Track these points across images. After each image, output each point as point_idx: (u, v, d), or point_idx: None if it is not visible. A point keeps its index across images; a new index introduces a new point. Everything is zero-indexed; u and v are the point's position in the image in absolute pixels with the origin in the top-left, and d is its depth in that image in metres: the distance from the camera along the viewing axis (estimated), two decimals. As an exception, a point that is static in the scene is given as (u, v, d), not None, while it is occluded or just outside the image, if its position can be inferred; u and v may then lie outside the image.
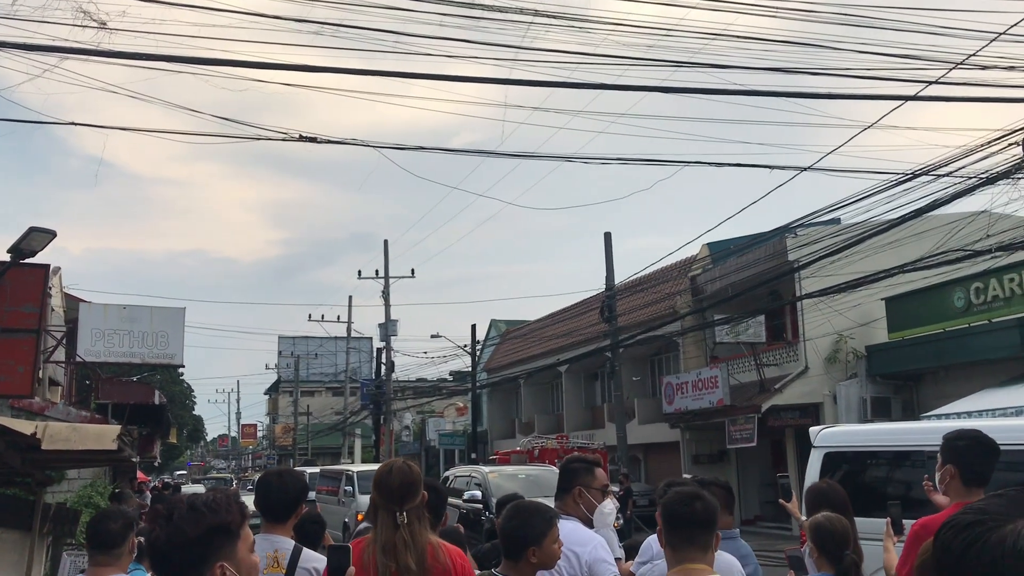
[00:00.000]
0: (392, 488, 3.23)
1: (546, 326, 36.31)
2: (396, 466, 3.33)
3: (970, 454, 3.78)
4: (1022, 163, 12.74)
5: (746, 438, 22.94)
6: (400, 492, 3.21)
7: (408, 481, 3.24)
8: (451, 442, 42.53)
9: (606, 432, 29.95)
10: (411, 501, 3.21)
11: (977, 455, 3.78)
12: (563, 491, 4.18)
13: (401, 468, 3.31)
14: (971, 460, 3.76)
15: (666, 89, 11.13)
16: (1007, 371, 17.41)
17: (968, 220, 16.63)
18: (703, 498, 3.08)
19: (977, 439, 3.81)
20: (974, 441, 3.81)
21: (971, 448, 3.80)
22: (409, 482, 3.24)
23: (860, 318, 21.06)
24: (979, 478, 3.76)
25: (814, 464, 8.83)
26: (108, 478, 17.81)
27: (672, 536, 3.07)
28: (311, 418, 57.27)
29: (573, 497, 4.11)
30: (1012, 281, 17.47)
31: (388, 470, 3.31)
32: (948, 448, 3.86)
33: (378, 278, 37.36)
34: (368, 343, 58.80)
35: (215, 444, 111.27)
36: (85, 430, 7.07)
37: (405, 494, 3.21)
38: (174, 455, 69.97)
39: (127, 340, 18.28)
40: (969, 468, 3.76)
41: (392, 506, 3.20)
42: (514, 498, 5.45)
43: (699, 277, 26.96)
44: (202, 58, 9.30)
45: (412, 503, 3.21)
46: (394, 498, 3.21)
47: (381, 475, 3.31)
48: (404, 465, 3.34)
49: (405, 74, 9.88)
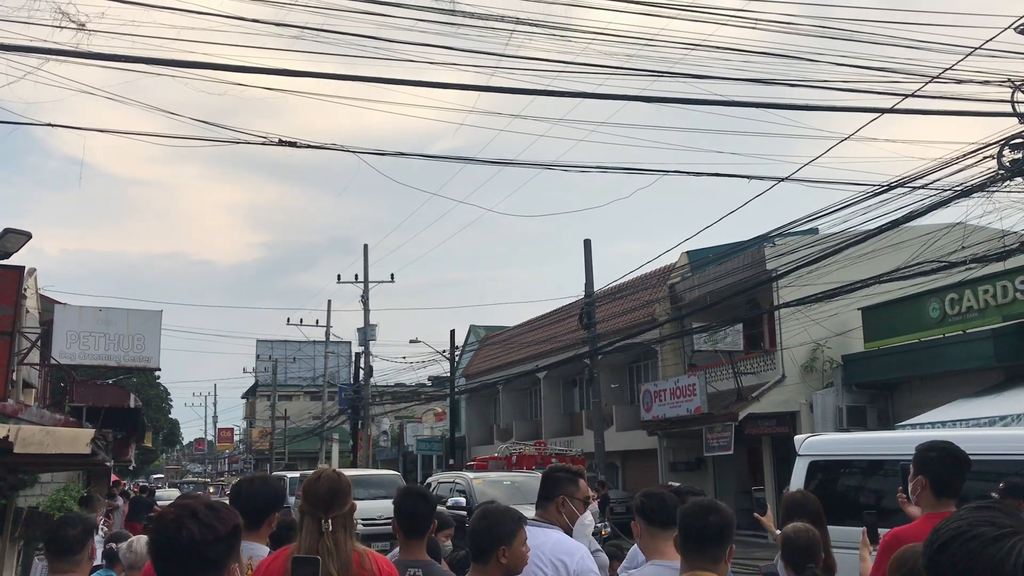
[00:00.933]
0: (319, 496, 3.23)
1: (525, 332, 36.34)
2: (325, 474, 3.34)
3: (942, 466, 3.81)
4: (997, 176, 12.90)
5: (723, 446, 23.03)
6: (327, 500, 3.21)
7: (335, 489, 3.24)
8: (429, 448, 42.45)
9: (584, 439, 29.97)
10: (338, 509, 3.21)
11: (949, 467, 3.81)
12: (545, 499, 4.14)
13: (330, 476, 3.31)
14: (942, 472, 3.79)
15: (646, 99, 11.19)
16: (981, 381, 17.58)
17: (944, 232, 16.79)
18: (719, 511, 3.14)
19: (948, 451, 3.84)
20: (945, 453, 3.84)
21: (942, 460, 3.83)
22: (336, 490, 3.24)
23: (837, 328, 21.21)
24: (950, 489, 3.79)
25: (799, 473, 8.83)
26: (82, 482, 17.64)
27: (685, 545, 3.16)
28: (289, 422, 56.99)
29: (556, 506, 4.08)
30: (986, 292, 17.66)
31: (317, 478, 3.32)
32: (920, 460, 3.89)
33: (357, 282, 37.29)
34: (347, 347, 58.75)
35: (191, 448, 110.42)
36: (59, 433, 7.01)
37: (332, 502, 3.21)
38: (149, 459, 69.38)
39: (103, 342, 18.11)
40: (940, 480, 3.79)
41: (318, 513, 3.20)
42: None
43: (678, 285, 27.07)
44: (182, 61, 9.27)
45: (339, 511, 3.21)
46: (320, 506, 3.21)
47: (310, 482, 3.32)
48: (333, 473, 3.35)
49: (386, 80, 9.88)
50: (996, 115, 12.92)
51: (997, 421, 14.47)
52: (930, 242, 16.45)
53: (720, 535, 3.10)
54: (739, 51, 11.74)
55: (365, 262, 37.47)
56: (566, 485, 4.15)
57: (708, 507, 3.16)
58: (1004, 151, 12.88)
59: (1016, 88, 12.84)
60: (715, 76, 11.23)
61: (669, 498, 3.85)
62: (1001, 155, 12.86)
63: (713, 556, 3.09)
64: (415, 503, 3.92)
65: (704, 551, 3.09)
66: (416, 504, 3.93)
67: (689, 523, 3.13)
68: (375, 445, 43.28)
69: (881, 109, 11.73)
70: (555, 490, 4.12)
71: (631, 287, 27.43)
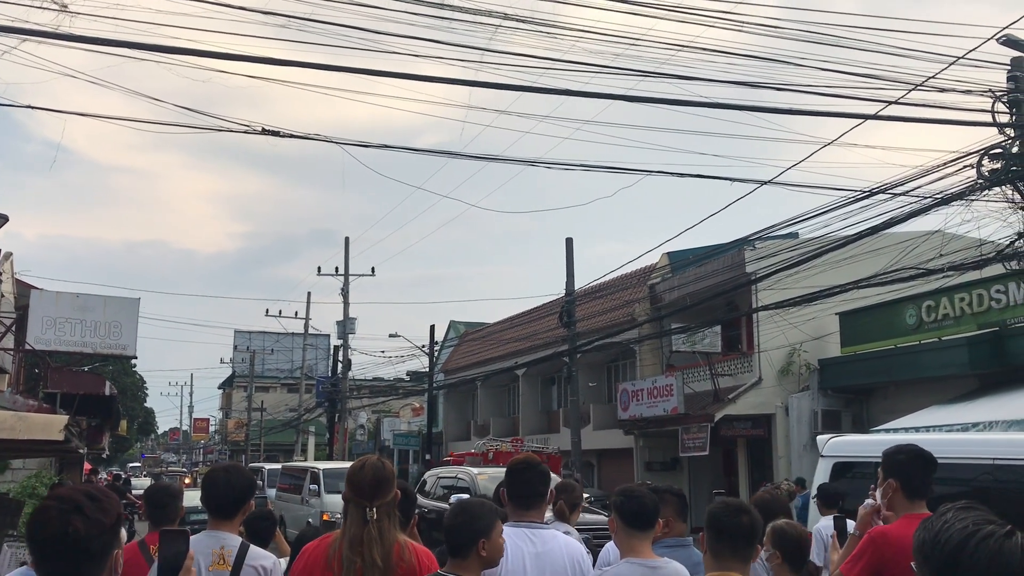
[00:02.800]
0: (364, 484, 3.24)
1: (505, 329, 36.33)
2: (369, 462, 3.33)
3: (911, 468, 3.88)
4: (976, 185, 13.01)
5: (699, 447, 23.13)
6: (372, 488, 3.22)
7: (380, 477, 3.24)
8: (406, 442, 42.37)
9: (561, 436, 30.01)
10: (382, 498, 3.21)
11: (917, 468, 3.89)
12: (540, 497, 4.07)
13: (374, 464, 3.31)
14: (912, 474, 3.87)
15: (631, 98, 11.21)
16: (955, 388, 17.73)
17: (922, 239, 16.91)
18: (750, 513, 3.22)
19: (916, 453, 3.92)
20: (914, 456, 3.92)
21: (911, 462, 3.90)
22: (381, 478, 3.24)
23: (814, 332, 21.33)
24: (920, 491, 3.87)
25: (823, 474, 8.67)
26: (54, 469, 17.50)
27: (716, 544, 3.22)
28: (265, 414, 56.73)
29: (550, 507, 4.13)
30: (963, 300, 17.81)
31: (361, 466, 3.32)
32: (889, 463, 3.96)
33: (338, 275, 37.15)
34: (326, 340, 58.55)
35: (166, 438, 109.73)
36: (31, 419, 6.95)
37: (376, 490, 3.22)
38: (124, 447, 68.92)
39: (79, 329, 17.96)
40: (910, 482, 3.86)
41: (363, 502, 3.20)
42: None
43: (658, 286, 27.15)
44: (165, 46, 9.19)
45: (383, 500, 3.21)
46: (365, 494, 3.21)
47: (354, 471, 3.32)
48: (378, 462, 3.35)
49: (371, 71, 9.84)
50: (977, 124, 13.05)
51: (970, 427, 14.60)
52: (908, 249, 16.57)
53: (751, 535, 3.21)
54: (725, 53, 11.79)
55: (346, 255, 37.38)
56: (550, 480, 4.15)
57: (740, 508, 3.27)
58: (983, 161, 13.01)
59: (996, 99, 12.98)
60: (700, 78, 11.27)
61: (649, 499, 3.86)
62: (980, 164, 12.98)
63: (744, 556, 3.20)
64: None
65: (736, 551, 3.18)
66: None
67: (722, 523, 3.21)
68: (351, 439, 43.15)
69: (864, 115, 11.80)
70: (549, 486, 4.13)
71: (611, 287, 27.49)
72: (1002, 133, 13.11)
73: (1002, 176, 13.09)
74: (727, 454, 24.97)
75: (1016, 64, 13.57)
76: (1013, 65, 13.56)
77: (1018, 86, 13.39)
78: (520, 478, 4.03)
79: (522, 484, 4.02)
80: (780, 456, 21.78)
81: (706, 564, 3.28)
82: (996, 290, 17.15)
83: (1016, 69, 13.53)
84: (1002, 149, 13.08)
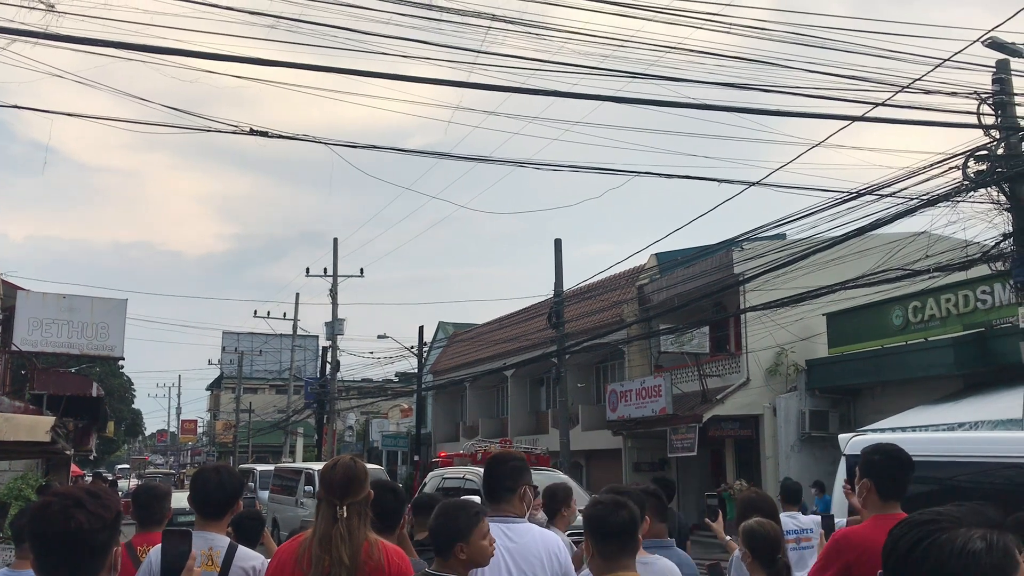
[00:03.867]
0: (335, 483, 3.25)
1: (494, 330, 36.32)
2: (341, 462, 3.34)
3: (886, 469, 3.85)
4: (961, 187, 13.09)
5: (687, 447, 23.18)
6: (342, 487, 3.23)
7: (351, 476, 3.25)
8: (394, 443, 42.31)
9: (550, 437, 30.03)
10: (352, 496, 3.22)
11: (893, 469, 3.85)
12: (509, 491, 4.00)
13: (346, 464, 3.32)
14: (887, 475, 3.84)
15: (620, 99, 11.24)
16: (941, 388, 17.84)
17: (909, 240, 17.01)
18: (628, 506, 3.17)
19: (893, 454, 3.88)
20: (890, 456, 3.88)
21: (886, 463, 3.87)
22: (352, 477, 3.25)
23: (801, 332, 21.42)
24: (894, 492, 3.84)
25: (844, 474, 8.38)
26: (41, 471, 17.40)
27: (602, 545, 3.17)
28: (253, 415, 56.56)
29: (519, 497, 4.00)
30: (949, 301, 17.91)
31: (333, 465, 3.33)
32: (865, 462, 3.93)
33: (326, 276, 37.06)
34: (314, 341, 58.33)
35: (153, 439, 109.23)
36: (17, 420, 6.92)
37: (347, 489, 3.22)
38: (111, 449, 68.57)
39: (66, 330, 17.89)
40: (884, 483, 3.83)
41: (334, 500, 3.21)
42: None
43: (646, 287, 27.20)
44: (153, 46, 9.17)
45: (354, 498, 3.22)
46: (336, 492, 3.23)
47: (327, 469, 3.34)
48: (350, 461, 3.36)
49: (360, 72, 9.84)
50: (962, 126, 13.12)
51: (956, 427, 14.69)
52: (895, 250, 16.66)
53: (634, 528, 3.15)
54: (713, 55, 11.82)
55: (335, 256, 37.29)
56: (526, 474, 4.08)
57: (617, 503, 3.20)
58: (969, 162, 13.09)
59: (982, 101, 13.06)
60: (689, 79, 11.30)
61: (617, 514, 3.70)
62: (966, 166, 13.06)
63: (632, 550, 3.15)
64: (384, 497, 3.91)
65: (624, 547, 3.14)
66: (385, 498, 3.92)
67: (606, 523, 3.16)
68: (340, 440, 43.06)
69: (851, 117, 11.86)
70: (518, 480, 4.04)
71: (600, 287, 27.52)
72: (987, 135, 13.19)
73: (988, 178, 13.18)
74: (715, 454, 25.04)
75: (1001, 66, 13.66)
76: (998, 67, 13.65)
77: (1003, 88, 13.48)
78: (490, 473, 4.05)
79: (491, 479, 4.03)
80: (768, 456, 21.86)
81: (595, 568, 3.19)
82: (982, 291, 17.26)
83: (1001, 71, 13.62)
84: (987, 151, 13.17)
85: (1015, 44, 13.53)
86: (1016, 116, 13.61)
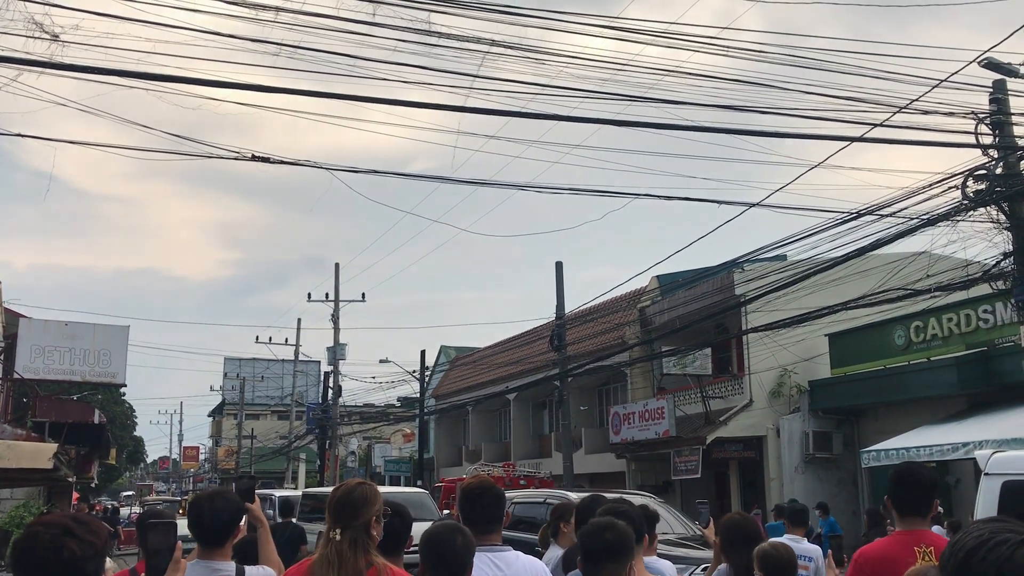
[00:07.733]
0: (330, 507, 3.24)
1: (495, 354, 36.30)
2: (344, 486, 3.34)
3: (902, 489, 3.96)
4: (961, 206, 13.13)
5: (691, 469, 23.09)
6: (335, 511, 3.21)
7: (346, 501, 3.24)
8: (397, 468, 42.20)
9: (553, 461, 29.93)
10: (346, 521, 3.20)
11: (908, 489, 3.95)
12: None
13: (346, 488, 3.32)
14: (902, 494, 3.93)
15: (619, 123, 11.29)
16: (945, 408, 17.79)
17: (909, 260, 17.03)
18: (615, 527, 3.20)
19: (907, 474, 3.99)
20: (905, 475, 3.98)
21: (902, 483, 3.97)
22: (346, 502, 3.24)
23: (804, 353, 21.40)
24: (913, 511, 3.92)
25: (990, 494, 7.39)
26: (43, 498, 17.35)
27: (592, 568, 3.23)
28: (255, 441, 56.42)
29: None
30: (950, 321, 17.90)
31: (338, 488, 3.33)
32: (889, 481, 4.05)
33: (328, 301, 37.09)
34: (316, 367, 58.29)
35: (155, 466, 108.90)
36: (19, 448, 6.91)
37: (340, 513, 3.21)
38: (112, 476, 68.33)
39: (68, 357, 17.89)
40: (901, 501, 3.93)
41: (332, 524, 3.20)
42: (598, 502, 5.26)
43: (648, 309, 27.19)
44: (155, 74, 9.24)
45: (348, 524, 3.20)
46: (331, 516, 3.22)
47: (331, 493, 3.33)
48: (353, 485, 3.35)
49: (361, 98, 9.90)
50: (961, 146, 13.17)
51: (960, 448, 14.65)
52: (896, 270, 16.68)
53: (626, 548, 3.18)
54: (711, 78, 11.90)
55: (336, 280, 37.34)
56: (504, 502, 4.09)
57: (605, 526, 3.23)
58: (968, 182, 13.13)
59: (979, 120, 13.11)
60: (687, 102, 11.36)
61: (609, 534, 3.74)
62: (965, 186, 13.10)
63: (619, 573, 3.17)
64: (390, 520, 3.89)
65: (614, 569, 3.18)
66: (391, 521, 3.90)
67: (599, 543, 3.20)
68: (343, 466, 42.91)
69: (850, 138, 11.91)
70: (502, 509, 4.03)
71: (601, 310, 27.52)
72: (986, 154, 13.25)
73: (987, 197, 13.21)
74: (719, 476, 24.93)
75: (998, 86, 13.74)
76: (995, 87, 13.73)
77: (1000, 108, 13.55)
78: (478, 503, 3.96)
79: (481, 509, 3.94)
80: (772, 478, 21.77)
81: None
82: (983, 310, 17.25)
83: (998, 91, 13.70)
84: (986, 170, 13.21)
85: (1011, 64, 13.61)
86: (1014, 135, 13.68)
